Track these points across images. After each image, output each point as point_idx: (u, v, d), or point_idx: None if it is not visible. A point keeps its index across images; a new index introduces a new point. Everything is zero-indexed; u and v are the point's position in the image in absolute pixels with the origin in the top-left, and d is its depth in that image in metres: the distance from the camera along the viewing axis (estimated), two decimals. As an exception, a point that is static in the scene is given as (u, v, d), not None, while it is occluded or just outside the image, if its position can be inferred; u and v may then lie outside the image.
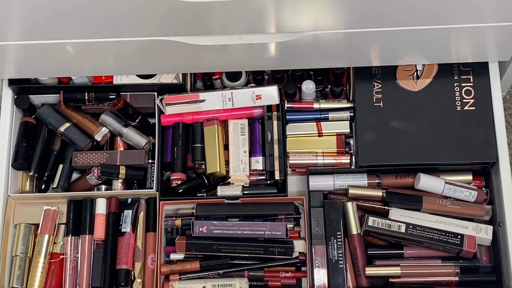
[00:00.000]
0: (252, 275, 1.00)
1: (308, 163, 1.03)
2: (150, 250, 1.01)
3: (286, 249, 0.96)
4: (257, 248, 0.97)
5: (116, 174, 1.02)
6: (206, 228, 0.99)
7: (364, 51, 0.95)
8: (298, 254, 0.99)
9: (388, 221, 0.97)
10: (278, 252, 0.96)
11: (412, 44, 0.92)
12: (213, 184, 1.04)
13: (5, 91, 1.05)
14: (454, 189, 0.98)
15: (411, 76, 1.02)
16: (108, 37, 0.87)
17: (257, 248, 0.97)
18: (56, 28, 0.84)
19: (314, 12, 0.82)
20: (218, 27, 0.86)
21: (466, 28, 0.86)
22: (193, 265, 0.99)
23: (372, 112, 1.00)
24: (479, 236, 0.97)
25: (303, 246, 0.99)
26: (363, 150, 0.99)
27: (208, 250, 0.98)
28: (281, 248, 0.96)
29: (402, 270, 0.97)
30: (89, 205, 1.02)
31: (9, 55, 0.92)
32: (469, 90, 1.01)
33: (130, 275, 1.00)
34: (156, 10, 0.80)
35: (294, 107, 1.05)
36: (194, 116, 1.05)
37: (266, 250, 0.96)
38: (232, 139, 1.04)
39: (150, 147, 1.06)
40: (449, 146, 0.98)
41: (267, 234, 0.98)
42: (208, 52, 0.91)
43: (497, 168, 0.98)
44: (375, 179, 1.01)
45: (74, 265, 1.01)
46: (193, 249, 0.98)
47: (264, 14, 0.82)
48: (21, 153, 1.03)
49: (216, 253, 0.98)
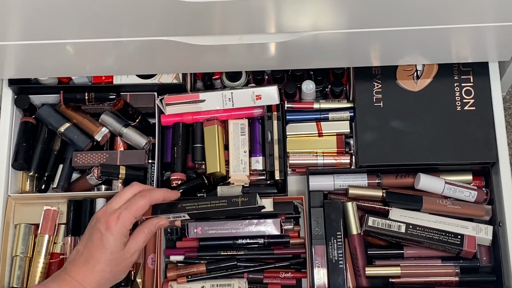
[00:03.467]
0: (252, 277, 1.00)
1: (308, 163, 1.03)
2: (150, 250, 1.01)
3: (249, 198, 0.94)
4: (220, 201, 0.95)
5: (116, 174, 1.02)
6: (201, 229, 0.99)
7: (364, 51, 0.95)
8: (264, 208, 0.97)
9: (388, 221, 0.97)
10: (242, 202, 0.94)
11: (412, 44, 0.92)
12: (213, 184, 1.04)
13: (5, 91, 1.05)
14: (454, 189, 0.98)
15: (411, 76, 1.02)
16: (108, 37, 0.87)
17: (220, 201, 0.95)
18: (56, 28, 0.84)
19: (314, 12, 0.82)
20: (218, 27, 0.86)
21: (466, 28, 0.86)
22: (199, 268, 0.99)
23: (372, 112, 1.00)
24: (479, 236, 0.97)
25: (271, 204, 0.99)
26: (363, 150, 0.99)
27: (172, 210, 0.95)
28: (244, 197, 0.95)
29: (402, 270, 0.97)
30: (89, 205, 1.02)
31: (9, 55, 0.92)
32: (469, 90, 1.01)
33: (130, 275, 1.00)
34: (156, 10, 0.80)
35: (294, 107, 1.05)
36: (194, 116, 1.05)
37: (230, 202, 0.94)
38: (232, 139, 1.03)
39: (150, 147, 1.06)
40: (449, 146, 0.98)
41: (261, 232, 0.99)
42: (208, 52, 0.91)
43: (497, 168, 0.98)
44: (375, 179, 1.01)
45: (74, 265, 1.01)
46: (158, 211, 0.95)
47: (264, 14, 0.82)
48: (21, 153, 1.03)
49: (180, 212, 0.95)
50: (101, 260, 0.86)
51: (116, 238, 0.86)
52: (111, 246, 0.86)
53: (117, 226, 0.86)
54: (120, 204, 0.89)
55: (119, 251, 0.87)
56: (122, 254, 0.87)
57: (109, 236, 0.86)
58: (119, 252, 0.87)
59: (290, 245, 1.02)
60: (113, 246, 0.86)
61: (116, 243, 0.86)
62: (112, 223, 0.86)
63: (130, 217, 0.87)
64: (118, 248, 0.86)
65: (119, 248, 0.87)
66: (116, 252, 0.86)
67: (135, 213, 0.88)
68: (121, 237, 0.87)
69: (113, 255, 0.86)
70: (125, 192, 0.91)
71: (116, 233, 0.86)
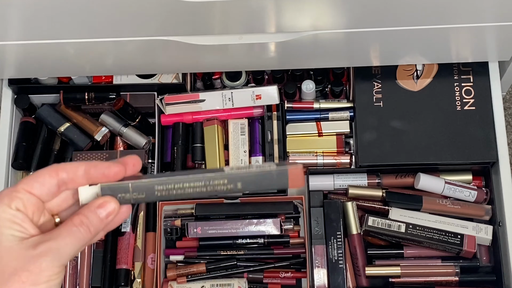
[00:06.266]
0: (252, 277, 1.00)
1: (308, 163, 1.03)
2: (150, 250, 1.01)
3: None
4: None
5: (116, 174, 1.02)
6: (201, 228, 0.99)
7: (364, 51, 0.95)
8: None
9: (388, 221, 0.97)
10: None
11: (412, 44, 0.92)
12: (213, 184, 1.04)
13: (5, 91, 1.05)
14: (454, 189, 0.98)
15: (411, 76, 1.02)
16: (108, 37, 0.87)
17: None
18: (56, 28, 0.84)
19: (314, 12, 0.82)
20: (218, 27, 0.86)
21: (466, 28, 0.86)
22: (199, 268, 0.99)
23: (372, 112, 1.00)
24: (479, 236, 0.97)
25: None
26: (363, 150, 0.99)
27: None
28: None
29: (402, 270, 0.97)
30: (89, 205, 1.02)
31: (9, 55, 0.92)
32: (469, 90, 1.01)
33: (130, 275, 1.00)
34: (156, 10, 0.80)
35: (294, 107, 1.05)
36: (194, 116, 1.05)
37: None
38: (232, 139, 1.03)
39: (150, 147, 1.06)
40: (449, 146, 0.98)
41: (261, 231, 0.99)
42: (208, 52, 0.91)
43: (497, 168, 0.98)
44: (375, 179, 1.01)
45: (74, 265, 1.01)
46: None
47: (264, 14, 0.82)
48: (21, 153, 1.03)
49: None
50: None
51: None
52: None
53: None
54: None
55: (8, 243, 0.51)
56: (17, 252, 0.51)
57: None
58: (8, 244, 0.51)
59: (290, 245, 1.02)
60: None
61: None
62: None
63: (22, 192, 0.53)
64: (4, 238, 0.51)
65: (6, 239, 0.51)
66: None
67: (31, 188, 0.53)
68: (8, 223, 0.51)
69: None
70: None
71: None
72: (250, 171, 0.56)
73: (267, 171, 0.56)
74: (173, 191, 0.57)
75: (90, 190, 0.55)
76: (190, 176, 0.57)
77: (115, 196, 0.55)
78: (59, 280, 0.51)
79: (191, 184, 0.57)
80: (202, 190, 0.57)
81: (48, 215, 0.55)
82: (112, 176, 0.55)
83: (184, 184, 0.57)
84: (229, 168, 0.57)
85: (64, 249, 0.51)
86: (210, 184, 0.57)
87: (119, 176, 0.55)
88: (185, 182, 0.56)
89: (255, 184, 0.57)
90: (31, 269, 0.50)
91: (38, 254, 0.50)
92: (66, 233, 0.52)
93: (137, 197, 0.57)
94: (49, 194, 0.54)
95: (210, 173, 0.56)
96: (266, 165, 0.57)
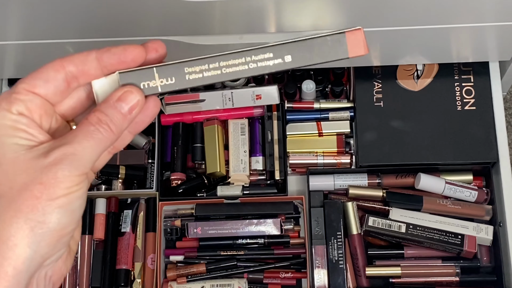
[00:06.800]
0: (252, 277, 1.00)
1: (308, 163, 1.03)
2: (150, 250, 1.01)
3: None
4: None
5: (116, 174, 1.02)
6: (201, 229, 0.99)
7: (364, 51, 0.94)
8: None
9: (388, 221, 0.97)
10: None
11: (413, 44, 0.92)
12: (213, 184, 1.04)
13: (5, 91, 1.05)
14: (455, 189, 0.98)
15: (412, 76, 1.02)
16: (108, 37, 0.86)
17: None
18: (56, 27, 0.84)
19: (314, 12, 0.82)
20: (218, 26, 0.85)
21: (467, 27, 0.86)
22: (199, 268, 0.99)
23: (372, 112, 1.00)
24: (479, 236, 0.97)
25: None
26: (363, 150, 0.99)
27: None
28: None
29: (402, 270, 0.97)
30: (88, 205, 1.02)
31: (9, 55, 0.92)
32: (470, 90, 1.01)
33: (130, 275, 1.00)
34: (156, 9, 0.80)
35: (294, 107, 1.05)
36: (194, 116, 1.05)
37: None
38: (232, 139, 1.03)
39: (150, 147, 1.06)
40: (450, 146, 0.98)
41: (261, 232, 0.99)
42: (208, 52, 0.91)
43: (498, 168, 0.98)
44: (375, 179, 1.01)
45: (74, 265, 1.01)
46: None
47: (264, 13, 0.82)
48: (20, 153, 1.03)
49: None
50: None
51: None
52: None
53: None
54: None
55: (12, 154, 0.42)
56: (25, 163, 0.41)
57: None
58: (15, 155, 0.42)
59: (290, 245, 1.02)
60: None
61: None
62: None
63: (23, 93, 0.44)
64: (7, 149, 0.42)
65: (10, 149, 0.42)
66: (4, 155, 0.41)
67: (33, 87, 0.45)
68: (10, 130, 0.42)
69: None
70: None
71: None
72: (299, 40, 0.48)
73: (321, 37, 0.48)
74: (208, 73, 0.48)
75: (106, 82, 0.45)
76: (227, 53, 0.47)
77: (138, 85, 0.46)
78: (82, 191, 0.42)
79: (229, 62, 0.48)
80: (243, 68, 0.48)
81: (61, 120, 0.46)
82: (131, 61, 0.45)
83: (220, 63, 0.48)
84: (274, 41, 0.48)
85: (82, 153, 0.42)
86: (253, 60, 0.47)
87: (139, 61, 0.46)
88: (221, 60, 0.47)
89: (307, 55, 0.48)
90: (45, 181, 0.40)
91: (51, 163, 0.41)
92: (83, 135, 0.42)
93: (165, 84, 0.48)
94: (57, 93, 0.44)
95: (251, 47, 0.47)
96: (320, 32, 0.48)
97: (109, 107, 0.44)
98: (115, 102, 0.44)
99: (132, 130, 0.48)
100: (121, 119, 0.44)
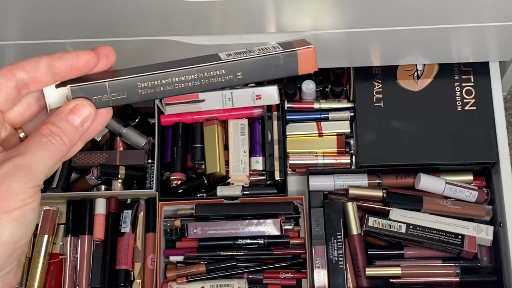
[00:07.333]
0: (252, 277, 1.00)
1: (308, 163, 1.02)
2: (149, 250, 1.01)
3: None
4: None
5: (116, 174, 1.02)
6: (201, 229, 0.99)
7: (365, 51, 0.94)
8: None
9: (388, 222, 0.97)
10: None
11: (413, 44, 0.92)
12: (213, 184, 1.03)
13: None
14: (455, 189, 0.98)
15: (412, 76, 1.02)
16: (108, 37, 0.86)
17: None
18: (56, 27, 0.84)
19: (314, 12, 0.82)
20: (218, 27, 0.85)
21: (467, 27, 0.86)
22: (199, 269, 0.99)
23: (373, 112, 1.00)
24: (479, 236, 0.97)
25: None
26: (363, 150, 0.99)
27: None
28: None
29: (402, 271, 0.97)
30: (88, 205, 1.02)
31: (9, 55, 0.92)
32: (470, 90, 1.01)
33: (130, 276, 1.00)
34: (156, 9, 0.80)
35: (294, 107, 1.05)
36: (194, 116, 1.05)
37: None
38: (232, 139, 1.03)
39: (149, 147, 1.06)
40: (450, 146, 0.98)
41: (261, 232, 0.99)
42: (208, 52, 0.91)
43: (498, 168, 0.98)
44: (376, 179, 1.01)
45: (74, 265, 1.00)
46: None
47: (264, 13, 0.82)
48: (20, 153, 1.03)
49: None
50: None
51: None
52: None
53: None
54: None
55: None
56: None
57: None
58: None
59: (290, 245, 1.01)
60: None
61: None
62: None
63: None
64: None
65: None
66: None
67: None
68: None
69: None
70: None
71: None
72: (252, 57, 0.47)
73: (273, 55, 0.48)
74: (160, 88, 0.47)
75: (58, 92, 0.45)
76: (180, 69, 0.47)
77: (90, 98, 0.45)
78: (35, 204, 0.41)
79: (182, 78, 0.47)
80: (195, 84, 0.47)
81: (10, 128, 0.45)
82: (83, 67, 0.44)
83: (173, 78, 0.47)
84: (226, 54, 0.48)
85: (36, 165, 0.41)
86: (205, 77, 0.47)
87: (90, 66, 0.45)
88: (174, 76, 0.47)
89: (258, 72, 0.48)
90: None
91: (5, 174, 0.40)
92: (36, 146, 0.42)
93: (116, 98, 0.46)
94: (8, 101, 0.43)
95: (203, 64, 0.47)
96: (271, 47, 0.48)
97: (60, 120, 0.43)
98: (67, 115, 0.44)
99: (84, 138, 0.46)
100: (73, 132, 0.44)
